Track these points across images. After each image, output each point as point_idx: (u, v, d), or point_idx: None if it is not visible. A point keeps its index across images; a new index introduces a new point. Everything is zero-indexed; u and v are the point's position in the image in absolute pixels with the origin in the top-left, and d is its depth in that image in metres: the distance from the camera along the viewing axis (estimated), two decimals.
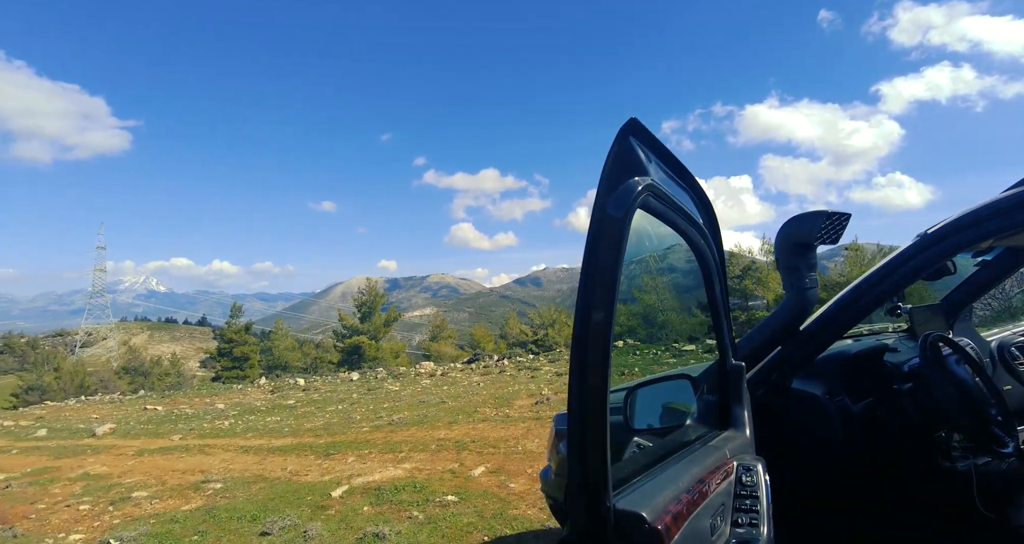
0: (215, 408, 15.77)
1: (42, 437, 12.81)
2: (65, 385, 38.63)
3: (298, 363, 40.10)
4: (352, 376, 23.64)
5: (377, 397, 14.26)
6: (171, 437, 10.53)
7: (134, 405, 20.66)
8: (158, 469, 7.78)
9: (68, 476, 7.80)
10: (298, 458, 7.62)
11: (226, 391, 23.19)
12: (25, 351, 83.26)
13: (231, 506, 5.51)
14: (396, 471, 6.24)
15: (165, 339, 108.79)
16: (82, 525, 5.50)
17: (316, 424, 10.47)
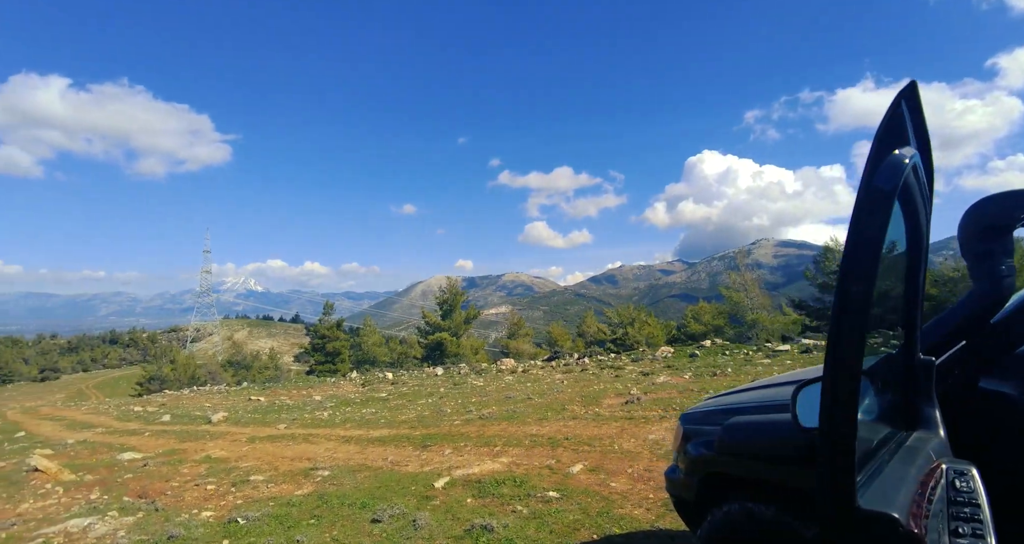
0: (313, 400, 16.69)
1: (167, 422, 14.09)
2: (180, 376, 42.42)
3: (385, 358, 41.75)
4: (437, 371, 24.29)
5: (463, 392, 14.53)
6: (277, 426, 11.25)
7: (239, 396, 22.29)
8: (269, 455, 8.31)
9: (193, 458, 8.50)
10: (396, 449, 7.88)
11: (320, 384, 24.52)
12: (146, 345, 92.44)
13: (340, 493, 5.77)
14: (494, 465, 6.29)
15: (263, 335, 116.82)
16: (210, 503, 5.95)
17: (409, 416, 10.81)
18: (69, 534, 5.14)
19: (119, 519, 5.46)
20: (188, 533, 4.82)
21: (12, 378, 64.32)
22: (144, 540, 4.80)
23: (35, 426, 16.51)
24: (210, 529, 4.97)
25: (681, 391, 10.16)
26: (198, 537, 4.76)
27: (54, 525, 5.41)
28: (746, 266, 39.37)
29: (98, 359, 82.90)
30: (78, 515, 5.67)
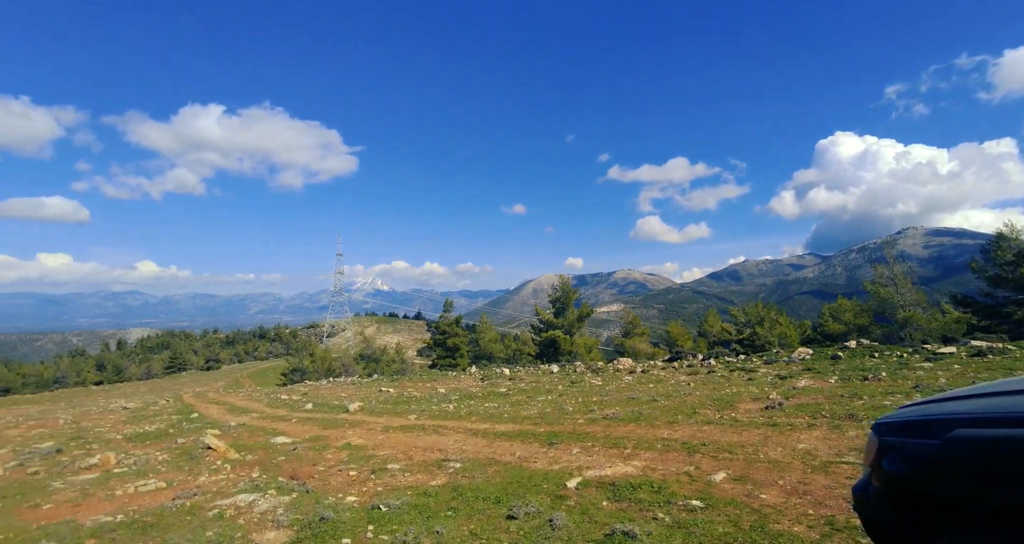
0: (437, 392, 17.37)
1: (310, 410, 15.36)
2: (318, 368, 46.41)
3: (501, 354, 42.67)
4: (552, 369, 24.29)
5: (583, 390, 14.32)
6: (408, 417, 11.80)
7: (371, 387, 23.81)
8: (403, 445, 8.69)
9: (335, 445, 9.12)
10: (523, 445, 7.88)
11: (443, 377, 25.54)
12: (288, 340, 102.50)
13: (474, 486, 5.83)
14: (627, 467, 6.04)
15: (389, 331, 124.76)
16: (354, 489, 6.30)
17: (531, 413, 10.82)
18: (238, 507, 5.67)
19: (277, 498, 5.94)
20: (337, 516, 5.11)
21: (186, 367, 74.32)
22: (299, 519, 5.15)
23: (205, 409, 18.82)
24: (355, 514, 5.23)
25: (828, 396, 9.18)
26: (345, 521, 5.03)
27: (226, 498, 6.01)
28: (893, 258, 35.11)
29: (250, 351, 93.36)
30: (244, 491, 6.26)
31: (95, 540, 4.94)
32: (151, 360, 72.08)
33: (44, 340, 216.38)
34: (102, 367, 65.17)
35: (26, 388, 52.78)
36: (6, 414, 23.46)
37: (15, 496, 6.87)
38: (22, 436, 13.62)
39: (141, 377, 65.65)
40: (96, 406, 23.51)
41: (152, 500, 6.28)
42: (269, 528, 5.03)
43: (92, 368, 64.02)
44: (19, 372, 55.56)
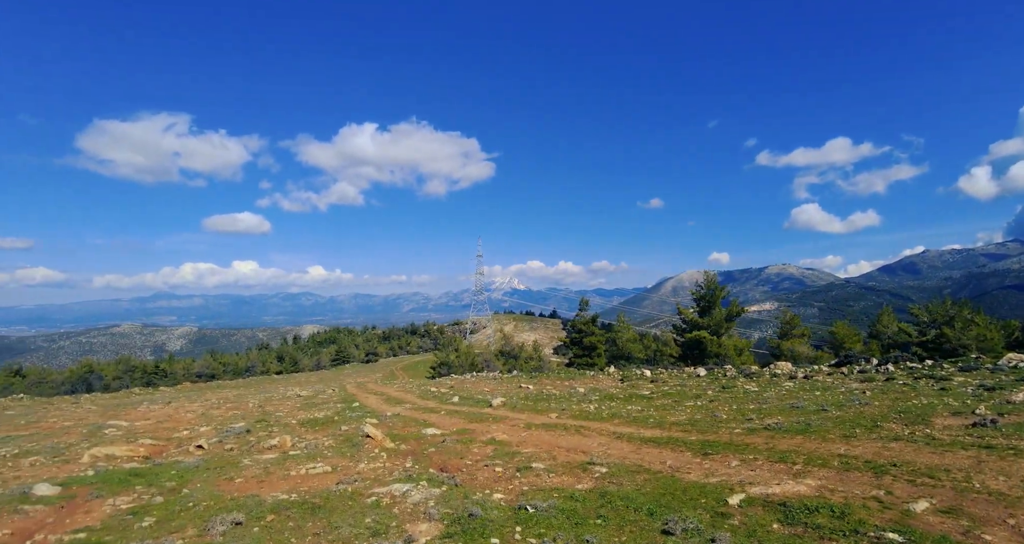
0: (576, 391, 17.17)
1: (456, 403, 16.00)
2: (462, 362, 48.67)
3: (640, 354, 41.42)
4: (699, 371, 22.90)
5: (735, 396, 13.23)
6: (549, 415, 11.74)
7: (511, 383, 24.29)
8: (546, 444, 8.61)
9: (480, 439, 9.30)
10: (673, 453, 7.37)
11: (580, 377, 25.31)
12: (436, 336, 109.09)
13: (623, 494, 5.52)
14: (798, 486, 5.33)
15: (526, 329, 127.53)
16: (500, 486, 6.30)
17: (679, 418, 10.18)
18: (393, 496, 5.94)
19: (428, 490, 6.12)
20: (485, 514, 5.11)
21: (349, 359, 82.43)
22: (449, 513, 5.24)
23: (365, 398, 20.50)
24: (502, 513, 5.19)
25: None
26: (493, 519, 5.00)
27: (382, 487, 6.34)
28: None
29: (403, 346, 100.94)
30: (398, 480, 6.56)
31: (274, 516, 5.45)
32: (320, 353, 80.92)
33: (238, 335, 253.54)
34: (282, 359, 74.46)
35: (226, 375, 62.10)
36: (212, 396, 27.62)
37: (216, 468, 7.89)
38: (221, 416, 15.84)
39: (312, 368, 73.97)
40: (277, 393, 26.77)
41: (320, 483, 6.83)
42: (421, 520, 5.17)
43: (274, 359, 73.44)
44: (221, 361, 65.56)
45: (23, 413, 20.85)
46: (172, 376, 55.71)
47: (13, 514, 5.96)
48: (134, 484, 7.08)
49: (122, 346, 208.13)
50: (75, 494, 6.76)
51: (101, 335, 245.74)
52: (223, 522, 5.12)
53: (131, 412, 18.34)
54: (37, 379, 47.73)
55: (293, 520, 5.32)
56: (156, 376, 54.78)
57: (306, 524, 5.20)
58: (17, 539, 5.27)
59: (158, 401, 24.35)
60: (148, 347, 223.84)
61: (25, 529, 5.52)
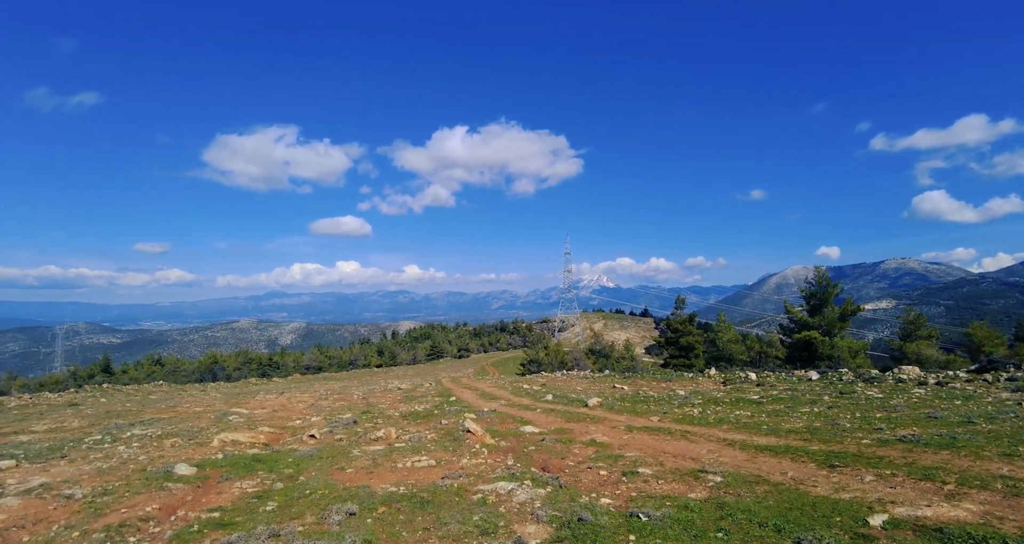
0: (676, 394, 16.48)
1: (550, 401, 15.89)
2: (552, 360, 48.59)
3: (741, 356, 39.24)
4: (810, 375, 21.26)
5: (857, 403, 12.07)
6: (650, 418, 11.30)
7: (604, 382, 23.82)
8: (650, 448, 8.25)
9: (580, 440, 9.10)
10: (794, 463, 6.78)
11: (678, 378, 24.33)
12: (525, 333, 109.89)
13: (743, 507, 5.11)
14: (955, 510, 4.67)
15: (616, 327, 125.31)
16: (606, 490, 6.08)
17: (796, 426, 9.40)
18: (498, 495, 5.90)
19: (533, 489, 6.02)
20: (595, 519, 4.92)
21: (443, 355, 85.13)
22: (557, 516, 5.10)
23: (460, 393, 20.94)
24: (613, 519, 4.98)
25: None
26: (604, 525, 4.80)
27: (487, 484, 6.32)
28: None
29: (493, 343, 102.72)
30: (502, 478, 6.52)
31: (385, 508, 5.58)
32: (416, 348, 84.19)
33: (342, 330, 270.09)
34: (381, 353, 78.24)
35: (331, 367, 66.23)
36: (320, 388, 29.48)
37: (328, 458, 8.29)
38: (330, 407, 16.78)
39: (409, 362, 77.12)
40: (378, 385, 28.06)
41: (425, 476, 6.94)
42: (529, 521, 5.07)
43: (374, 353, 77.31)
44: (327, 355, 70.02)
45: (163, 398, 23.32)
46: (284, 368, 60.22)
47: (159, 490, 6.56)
48: (257, 469, 7.59)
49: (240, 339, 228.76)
50: (208, 475, 7.34)
51: (223, 329, 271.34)
52: (338, 512, 5.31)
53: (250, 401, 19.92)
54: (173, 368, 53.41)
55: (403, 513, 5.42)
56: (270, 368, 59.45)
57: (416, 518, 5.28)
58: (163, 513, 5.77)
59: (272, 391, 26.32)
60: (263, 341, 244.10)
61: (169, 505, 6.05)
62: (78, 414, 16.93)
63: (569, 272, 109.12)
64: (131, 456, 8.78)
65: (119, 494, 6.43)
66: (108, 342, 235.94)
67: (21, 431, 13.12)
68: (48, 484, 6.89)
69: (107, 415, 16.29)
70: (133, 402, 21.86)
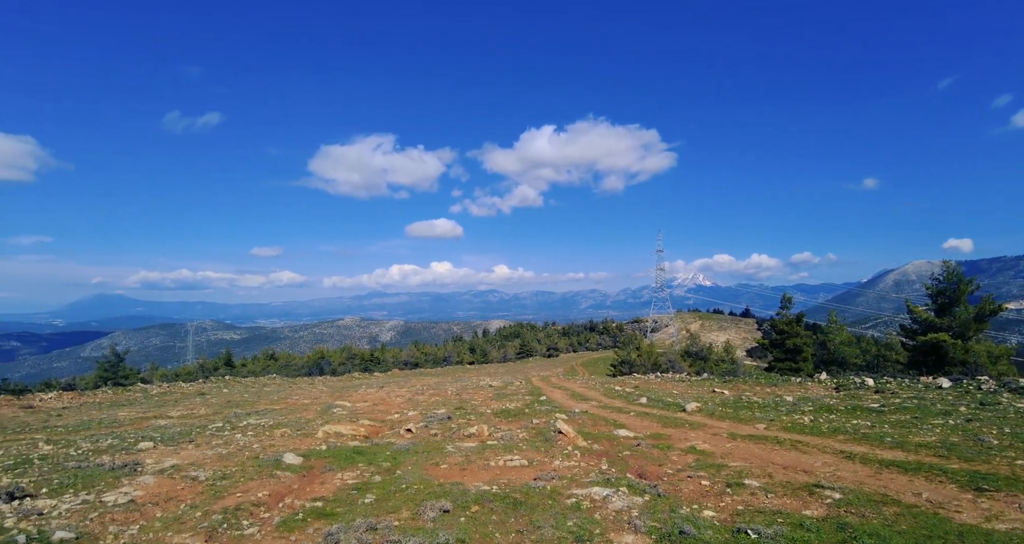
0: (783, 400, 15.34)
1: (644, 404, 15.35)
2: (644, 361, 47.24)
3: (855, 360, 35.99)
4: (940, 382, 19.01)
5: (1004, 416, 10.57)
6: (755, 425, 10.55)
7: (702, 386, 22.73)
8: (757, 458, 7.66)
9: (679, 446, 8.65)
10: (929, 483, 5.99)
11: (785, 383, 22.71)
12: (615, 333, 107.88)
13: (870, 530, 4.55)
14: None
15: (713, 328, 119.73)
16: (709, 502, 5.68)
17: (927, 439, 8.36)
18: (593, 500, 5.69)
19: (629, 497, 5.75)
20: (698, 533, 4.58)
21: (531, 353, 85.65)
22: (656, 527, 4.81)
23: (550, 392, 20.82)
24: (718, 534, 4.62)
25: None
26: (708, 540, 4.46)
27: (580, 488, 6.13)
28: None
29: (582, 342, 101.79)
30: (596, 483, 6.29)
31: (478, 507, 5.55)
32: (506, 347, 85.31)
33: (436, 328, 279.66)
34: (473, 350, 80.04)
35: (427, 363, 68.73)
36: (416, 383, 30.58)
37: (423, 453, 8.46)
38: (425, 402, 17.28)
39: (499, 360, 78.26)
40: (470, 382, 28.60)
41: (517, 476, 6.87)
42: (626, 530, 4.82)
43: (466, 351, 79.23)
44: (423, 351, 72.73)
45: (276, 390, 25.18)
46: (384, 363, 63.26)
47: (269, 478, 6.98)
48: (357, 461, 7.88)
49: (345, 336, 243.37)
50: (313, 465, 7.73)
51: (329, 327, 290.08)
52: (433, 508, 5.35)
53: (352, 394, 20.98)
54: (285, 362, 57.74)
55: (496, 513, 5.36)
56: (371, 363, 62.67)
57: (509, 519, 5.20)
58: (272, 500, 6.12)
59: (373, 385, 27.61)
60: (364, 337, 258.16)
61: (278, 492, 6.40)
62: (205, 403, 18.66)
63: (662, 270, 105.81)
64: (246, 444, 9.47)
65: (235, 479, 6.92)
66: (229, 338, 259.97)
67: (160, 416, 14.64)
68: (178, 466, 7.57)
69: (228, 404, 17.82)
70: (250, 393, 23.79)
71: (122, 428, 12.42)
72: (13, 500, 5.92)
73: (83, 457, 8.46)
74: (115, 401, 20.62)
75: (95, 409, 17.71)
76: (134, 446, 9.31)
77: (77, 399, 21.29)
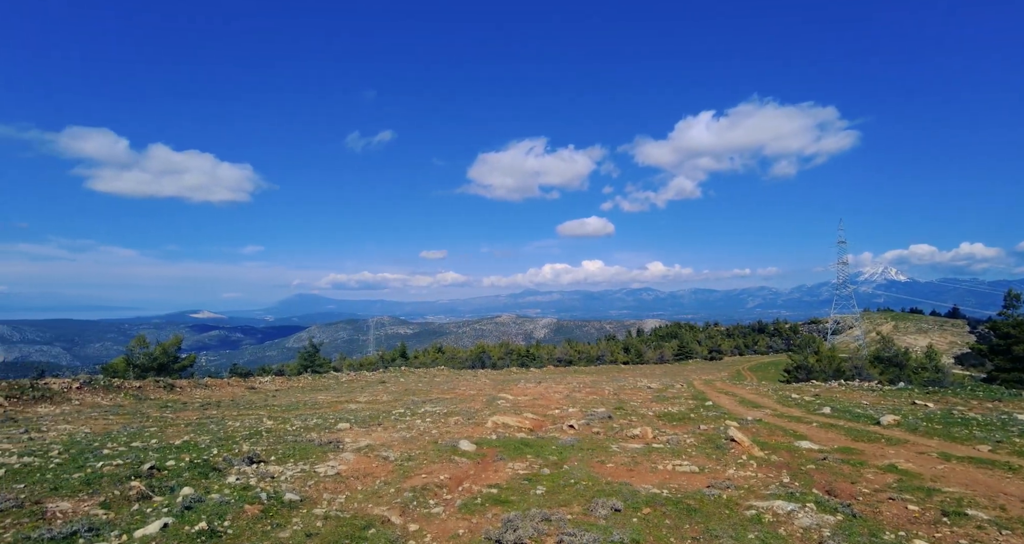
0: (1014, 418, 12.78)
1: (828, 415, 13.82)
2: (824, 367, 42.46)
3: None
4: None
5: None
6: (974, 445, 8.94)
7: (897, 397, 19.83)
8: (980, 485, 6.49)
9: (874, 464, 7.65)
10: None
11: (1013, 398, 18.89)
12: (788, 335, 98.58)
13: None
14: None
15: (910, 330, 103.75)
16: (919, 530, 4.97)
17: None
18: (776, 514, 5.28)
19: (818, 514, 5.24)
20: None
21: (691, 355, 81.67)
22: None
23: (716, 397, 19.69)
24: None
25: None
26: None
27: (760, 500, 5.73)
28: None
29: (749, 345, 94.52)
30: (778, 496, 5.83)
31: (650, 509, 5.46)
32: (663, 347, 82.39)
33: (588, 327, 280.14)
34: (627, 350, 78.60)
35: (580, 362, 69.08)
36: (571, 380, 30.92)
37: (588, 450, 8.54)
38: (583, 400, 17.39)
39: (655, 361, 75.84)
40: (627, 383, 28.13)
41: (688, 482, 6.62)
42: None
43: (620, 350, 78.06)
44: (576, 349, 73.25)
45: (445, 381, 27.15)
46: (539, 359, 64.91)
47: (448, 462, 7.56)
48: (525, 453, 8.20)
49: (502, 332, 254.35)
50: (485, 453, 8.21)
51: (488, 323, 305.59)
52: (604, 506, 5.38)
53: (513, 388, 21.85)
54: (451, 355, 62.05)
55: (669, 518, 5.23)
56: (527, 359, 64.69)
57: (683, 525, 5.04)
58: (453, 483, 6.62)
59: (531, 381, 28.47)
60: (520, 334, 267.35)
61: (456, 476, 6.92)
62: (385, 390, 20.77)
63: (844, 264, 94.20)
64: (425, 429, 10.35)
65: (419, 461, 7.61)
66: (403, 332, 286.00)
67: (350, 401, 16.63)
68: (371, 445, 8.54)
69: (405, 392, 19.63)
70: (423, 383, 25.96)
71: (322, 410, 14.32)
72: (252, 464, 7.15)
73: (297, 433, 9.92)
74: (314, 386, 23.86)
75: (299, 392, 20.67)
76: (334, 426, 10.69)
77: (285, 383, 25.01)
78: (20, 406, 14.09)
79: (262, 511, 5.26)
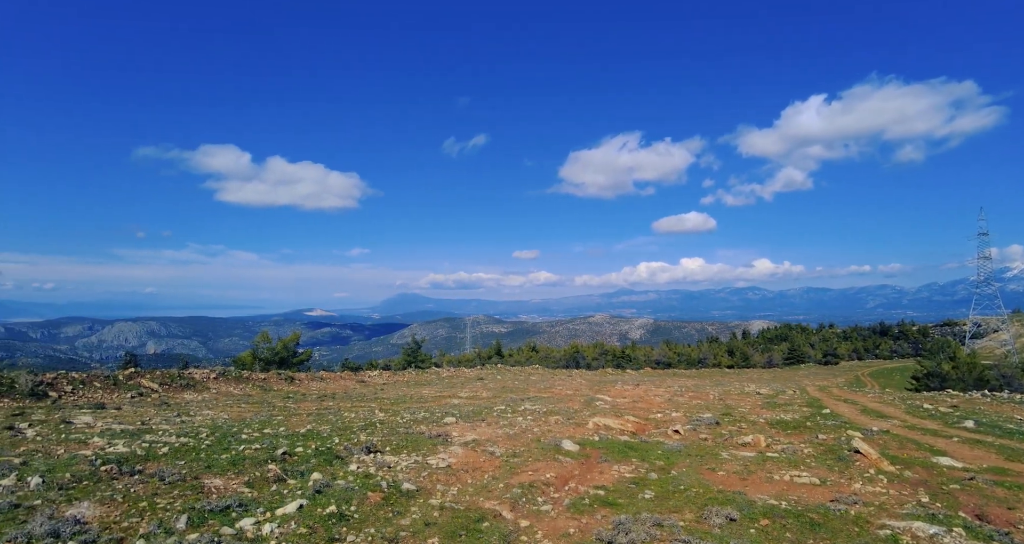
0: None
1: (971, 429, 12.37)
2: (962, 375, 37.94)
3: None
4: None
5: None
6: None
7: None
8: None
9: None
10: None
11: None
12: (916, 338, 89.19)
13: None
14: None
15: None
16: None
17: None
18: (915, 536, 4.84)
19: (968, 542, 4.73)
20: None
21: (803, 359, 76.19)
22: None
23: (833, 405, 18.25)
24: None
25: None
26: None
27: (895, 520, 5.27)
28: None
29: (869, 348, 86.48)
30: (918, 517, 5.33)
31: (768, 521, 5.21)
32: (772, 350, 77.54)
33: (688, 328, 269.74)
34: (732, 353, 74.79)
35: (680, 364, 66.71)
36: (672, 383, 29.96)
37: (696, 456, 8.27)
38: (686, 404, 16.81)
39: (763, 365, 71.49)
40: (733, 388, 26.79)
41: (808, 495, 6.22)
42: None
43: (724, 353, 74.43)
44: (676, 351, 70.84)
45: (540, 380, 27.36)
46: (635, 361, 63.52)
47: (553, 460, 7.64)
48: (630, 456, 8.10)
49: (596, 332, 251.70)
50: (588, 454, 8.20)
51: (582, 323, 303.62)
52: (718, 514, 5.20)
53: (611, 389, 21.57)
54: (545, 355, 62.36)
55: (790, 531, 4.96)
56: (623, 360, 63.52)
57: (805, 539, 4.76)
58: (559, 482, 6.69)
59: (629, 382, 27.95)
60: (615, 334, 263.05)
61: (562, 475, 6.98)
62: (484, 386, 21.31)
63: (986, 259, 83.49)
64: (527, 427, 10.52)
65: (524, 458, 7.76)
66: (498, 331, 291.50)
67: (452, 396, 17.24)
68: (477, 440, 8.82)
69: (503, 389, 20.02)
70: (519, 381, 26.33)
71: (428, 404, 14.97)
72: (370, 453, 7.65)
73: (407, 425, 10.45)
74: (417, 381, 24.98)
75: (404, 386, 21.74)
76: (441, 420, 11.15)
77: (392, 377, 26.41)
78: (171, 392, 16.03)
79: (383, 499, 5.62)
